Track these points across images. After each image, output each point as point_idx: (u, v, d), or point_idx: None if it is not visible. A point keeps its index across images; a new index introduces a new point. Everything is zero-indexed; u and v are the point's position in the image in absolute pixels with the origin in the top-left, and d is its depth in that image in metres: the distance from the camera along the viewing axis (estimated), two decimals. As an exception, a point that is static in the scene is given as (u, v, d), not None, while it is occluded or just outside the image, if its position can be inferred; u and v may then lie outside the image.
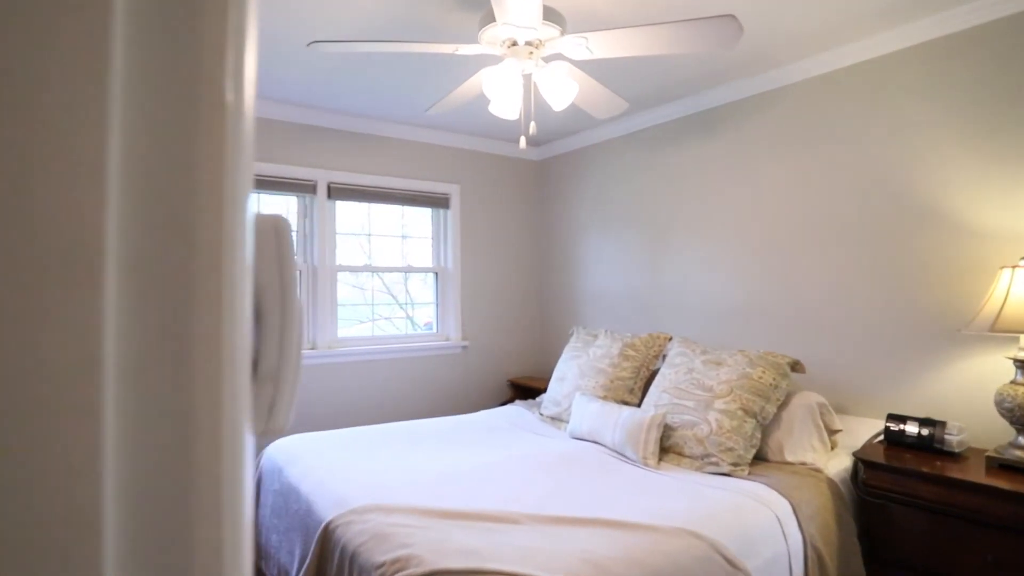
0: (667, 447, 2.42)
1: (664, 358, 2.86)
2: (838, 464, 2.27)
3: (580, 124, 3.80)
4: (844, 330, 2.62)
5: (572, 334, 3.41)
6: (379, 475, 2.18)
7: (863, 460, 2.12)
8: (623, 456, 2.44)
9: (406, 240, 3.96)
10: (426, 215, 4.04)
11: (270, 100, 3.24)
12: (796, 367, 2.41)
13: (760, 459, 2.35)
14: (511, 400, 4.00)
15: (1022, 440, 1.92)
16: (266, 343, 0.39)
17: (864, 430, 2.41)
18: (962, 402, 2.24)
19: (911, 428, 2.16)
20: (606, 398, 2.84)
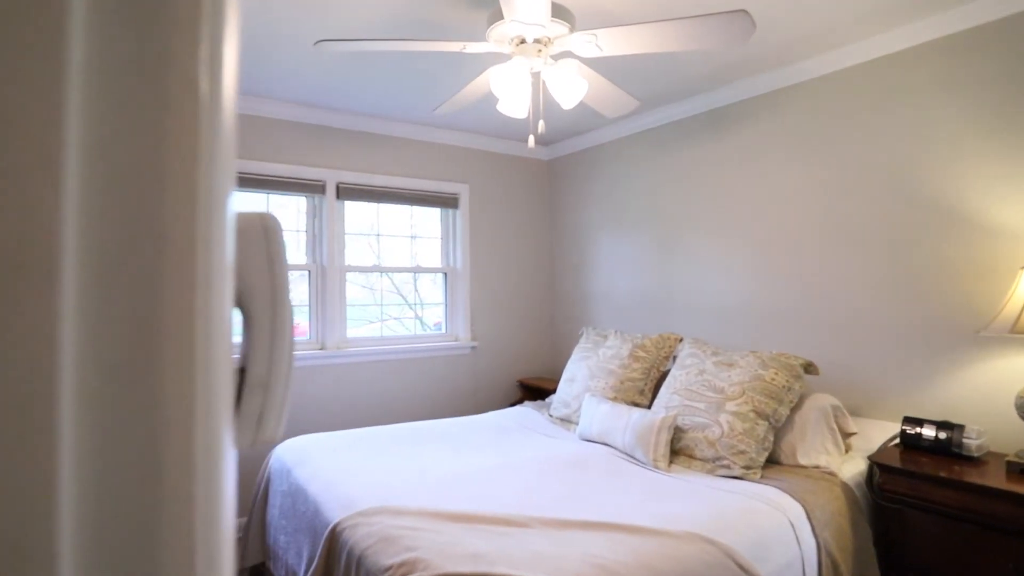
0: (678, 449, 2.39)
1: (675, 359, 2.83)
2: (853, 468, 2.23)
3: (590, 123, 3.77)
4: (859, 331, 2.58)
5: (582, 335, 3.39)
6: (387, 476, 2.17)
7: (878, 464, 2.08)
8: (633, 458, 2.41)
9: (415, 240, 3.95)
10: (435, 215, 4.03)
11: (278, 100, 3.25)
12: (809, 369, 2.37)
13: (773, 462, 2.31)
14: (520, 401, 3.98)
15: (1044, 445, 1.87)
16: (255, 349, 0.37)
17: (879, 433, 2.37)
18: (981, 405, 2.19)
19: (928, 431, 2.12)
20: (616, 399, 2.81)
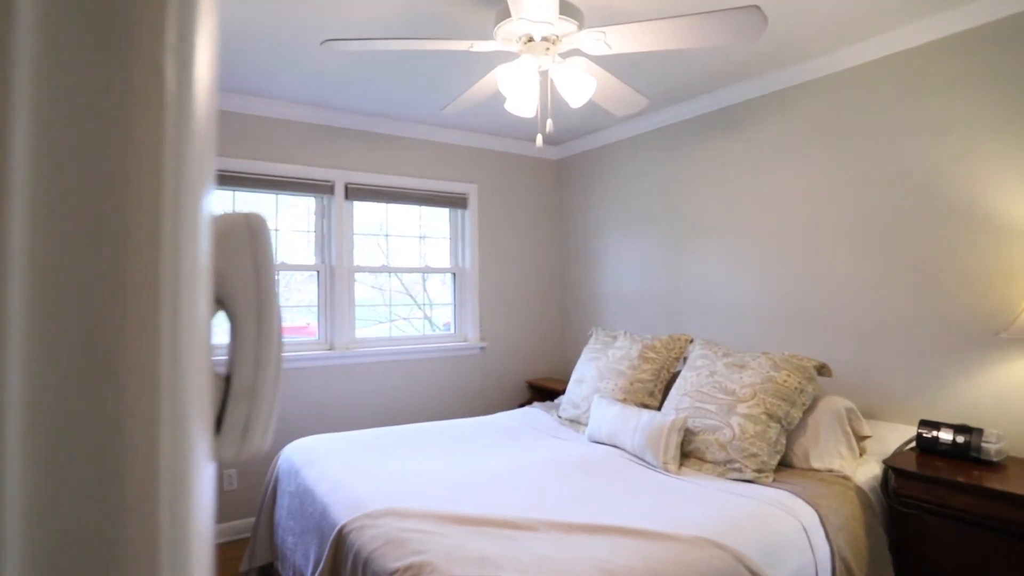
0: (688, 452, 2.35)
1: (685, 360, 2.80)
2: (867, 472, 2.19)
3: (599, 122, 3.74)
4: (873, 332, 2.53)
5: (591, 335, 3.36)
6: (395, 478, 2.16)
7: (894, 468, 2.04)
8: (643, 461, 2.38)
9: (424, 240, 3.94)
10: (444, 215, 4.01)
11: (286, 101, 3.25)
12: (823, 371, 2.33)
13: (785, 466, 2.28)
14: (529, 402, 3.96)
15: (1066, 449, 1.82)
16: (240, 356, 0.35)
17: (895, 437, 2.32)
18: (1000, 408, 2.14)
19: (945, 435, 2.07)
20: (625, 401, 2.79)
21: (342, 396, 3.47)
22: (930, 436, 2.10)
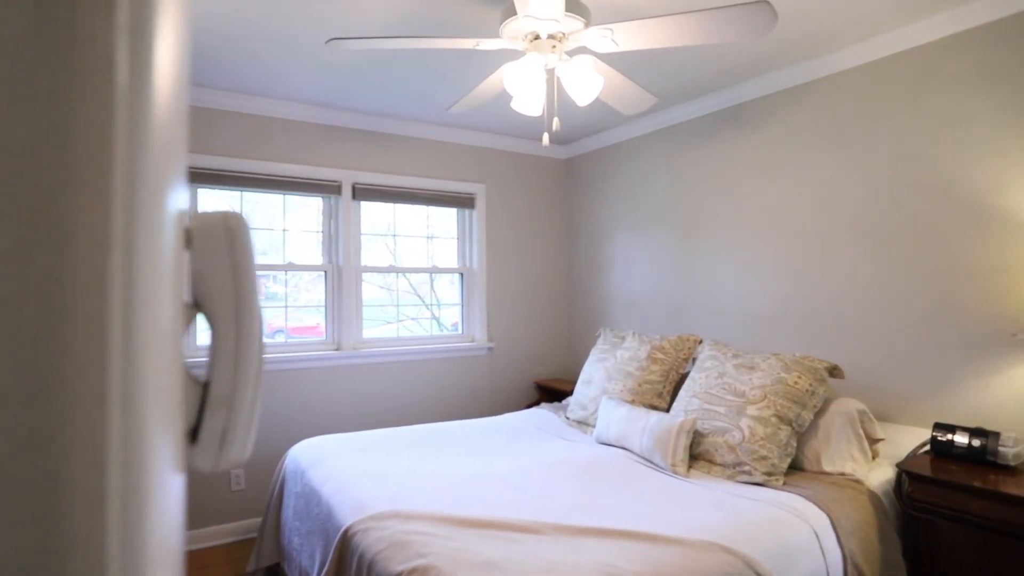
0: (697, 454, 2.33)
1: (694, 361, 2.76)
2: (880, 475, 2.15)
3: (607, 121, 3.71)
4: (886, 333, 2.49)
5: (599, 336, 3.33)
6: (401, 480, 2.14)
7: (908, 472, 1.99)
8: (651, 463, 2.36)
9: (432, 240, 3.93)
10: (451, 215, 4.00)
11: (293, 101, 3.25)
12: (834, 372, 2.29)
13: (796, 469, 2.24)
14: (537, 402, 3.94)
15: (1086, 454, 1.77)
16: (219, 361, 0.34)
17: (908, 440, 2.28)
18: (1018, 411, 2.09)
19: (960, 438, 2.03)
20: (634, 402, 2.76)
21: (349, 396, 3.46)
22: (945, 439, 2.06)
